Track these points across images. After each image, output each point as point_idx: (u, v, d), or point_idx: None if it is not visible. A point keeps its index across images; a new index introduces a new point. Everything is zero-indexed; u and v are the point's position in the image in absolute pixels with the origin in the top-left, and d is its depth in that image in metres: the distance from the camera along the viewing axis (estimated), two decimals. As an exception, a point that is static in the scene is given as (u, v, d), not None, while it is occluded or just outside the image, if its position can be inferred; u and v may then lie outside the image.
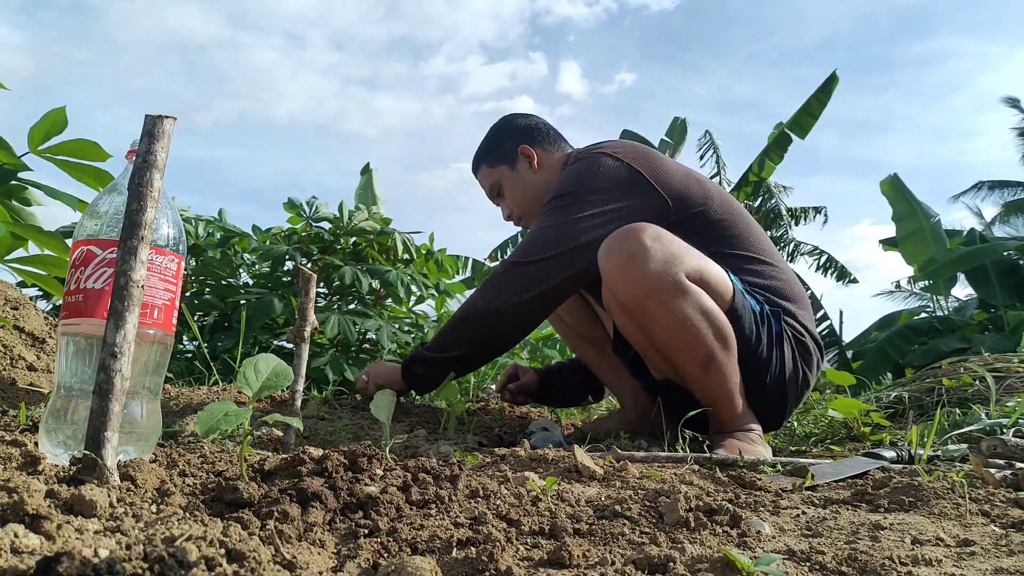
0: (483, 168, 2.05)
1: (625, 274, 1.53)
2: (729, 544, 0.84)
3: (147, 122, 0.84)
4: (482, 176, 2.06)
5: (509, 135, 2.02)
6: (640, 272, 1.51)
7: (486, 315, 1.70)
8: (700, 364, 1.55)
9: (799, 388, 1.71)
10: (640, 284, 1.51)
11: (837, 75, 9.51)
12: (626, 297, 1.54)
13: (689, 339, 1.53)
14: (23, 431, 1.14)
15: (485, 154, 2.05)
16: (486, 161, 2.04)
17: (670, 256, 1.53)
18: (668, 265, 1.51)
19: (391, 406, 1.32)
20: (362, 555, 0.70)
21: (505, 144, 2.01)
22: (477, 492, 0.93)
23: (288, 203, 3.71)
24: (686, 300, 1.52)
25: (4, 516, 0.59)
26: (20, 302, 1.95)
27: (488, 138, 2.06)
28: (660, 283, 1.51)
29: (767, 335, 1.63)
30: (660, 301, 1.51)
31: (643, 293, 1.52)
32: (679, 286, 1.51)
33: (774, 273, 1.76)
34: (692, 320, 1.52)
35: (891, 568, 0.74)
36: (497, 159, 2.01)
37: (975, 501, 1.05)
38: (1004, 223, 15.95)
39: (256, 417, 0.97)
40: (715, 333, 1.54)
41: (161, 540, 0.56)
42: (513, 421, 2.05)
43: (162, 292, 0.98)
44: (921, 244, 11.14)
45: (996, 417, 1.86)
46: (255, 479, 0.91)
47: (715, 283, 1.58)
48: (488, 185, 2.05)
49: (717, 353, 1.55)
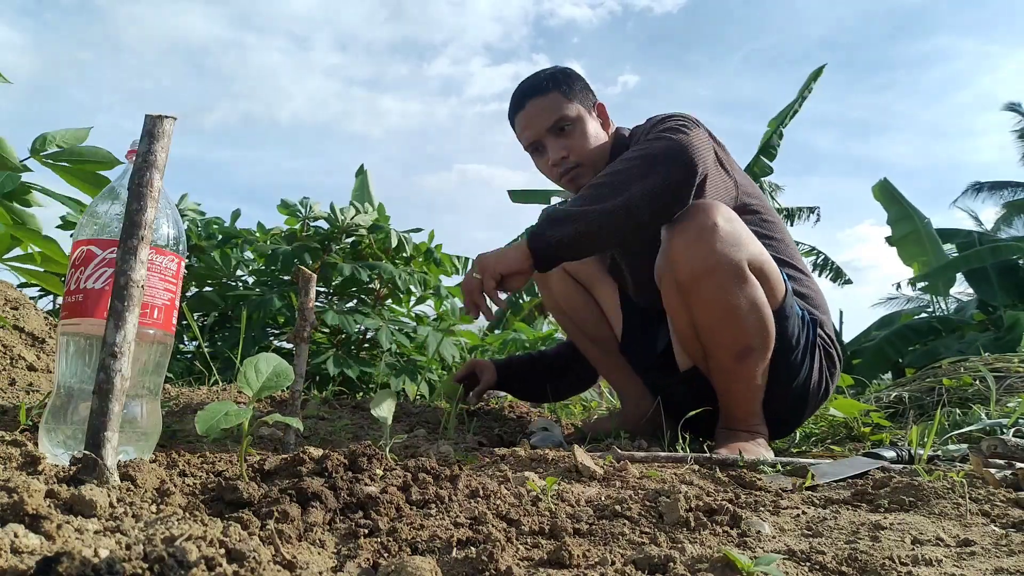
0: (554, 95, 1.75)
1: (689, 247, 1.47)
2: (729, 544, 0.84)
3: (147, 122, 0.84)
4: (547, 103, 1.75)
5: (585, 84, 1.81)
6: (706, 249, 1.46)
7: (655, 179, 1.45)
8: (736, 354, 1.53)
9: (819, 398, 1.70)
10: (703, 261, 1.46)
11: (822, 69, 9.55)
12: (684, 271, 1.49)
13: (734, 327, 1.50)
14: (23, 431, 1.14)
15: (557, 83, 1.77)
16: (560, 90, 1.76)
17: (738, 239, 1.48)
18: (734, 248, 1.46)
19: (391, 406, 1.32)
20: (362, 555, 0.70)
21: (584, 89, 1.80)
22: (477, 492, 0.93)
23: (282, 204, 3.71)
24: (742, 288, 1.48)
25: (4, 516, 0.59)
26: (20, 302, 1.95)
27: (559, 72, 1.80)
28: (722, 264, 1.46)
29: (804, 342, 1.61)
30: (717, 282, 1.47)
31: (703, 271, 1.47)
32: (739, 272, 1.47)
33: (806, 282, 1.75)
34: (742, 309, 1.48)
35: (891, 568, 0.74)
36: (575, 96, 1.77)
37: (975, 501, 1.05)
38: (1006, 224, 15.96)
39: (256, 417, 0.97)
40: (759, 328, 1.51)
41: (161, 540, 0.56)
42: (513, 421, 2.05)
43: (162, 292, 0.98)
44: (917, 245, 11.17)
45: (996, 417, 1.86)
46: (255, 479, 0.91)
47: (772, 279, 1.54)
48: (556, 116, 1.75)
49: (754, 348, 1.52)
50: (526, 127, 1.79)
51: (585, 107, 1.78)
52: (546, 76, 1.79)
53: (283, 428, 1.33)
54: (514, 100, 1.82)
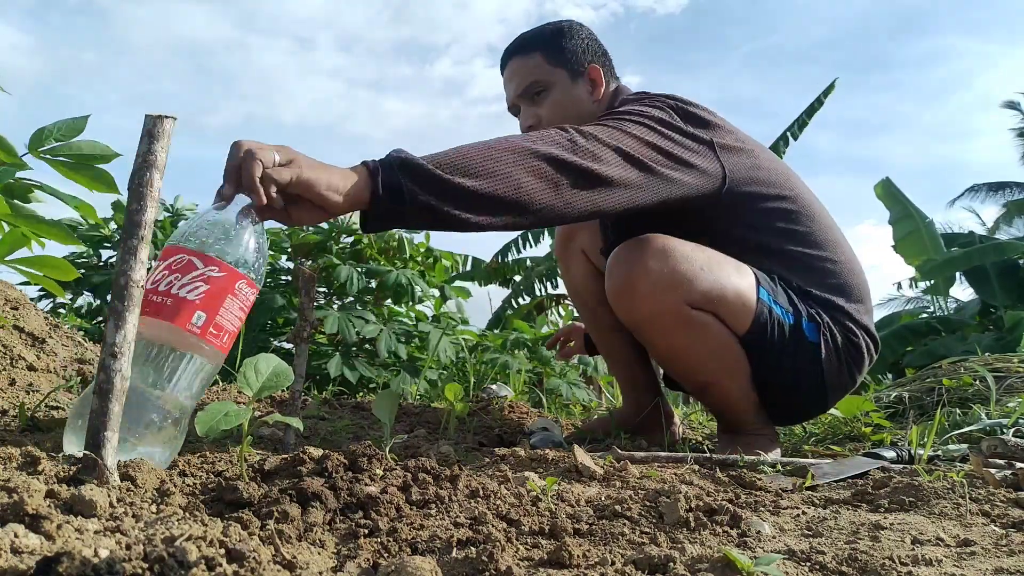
0: (535, 57, 1.66)
1: (623, 299, 1.42)
2: (729, 544, 0.84)
3: (147, 122, 0.84)
4: (526, 65, 1.67)
5: (581, 44, 1.68)
6: (640, 298, 1.39)
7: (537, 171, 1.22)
8: (698, 388, 1.52)
9: (836, 391, 1.60)
10: (639, 311, 1.41)
11: (835, 84, 9.50)
12: (627, 319, 1.46)
13: (688, 366, 1.47)
14: (23, 431, 1.14)
15: (543, 44, 1.66)
16: (543, 52, 1.66)
17: (673, 281, 1.37)
18: (671, 292, 1.37)
19: (393, 406, 1.33)
20: (362, 555, 0.70)
21: (574, 50, 1.67)
22: (477, 492, 0.93)
23: None
24: (687, 331, 1.41)
25: (4, 516, 0.59)
26: (20, 302, 1.95)
27: (552, 32, 1.69)
28: (656, 313, 1.39)
29: (795, 348, 1.51)
30: (659, 329, 1.42)
31: (642, 319, 1.42)
32: (679, 315, 1.39)
33: (833, 268, 1.59)
34: (692, 350, 1.43)
35: (891, 568, 0.74)
36: (558, 59, 1.66)
37: (975, 501, 1.05)
38: (1006, 223, 15.96)
39: (256, 417, 0.97)
40: (717, 362, 1.45)
41: (161, 540, 0.56)
42: (513, 421, 2.05)
43: (236, 320, 0.98)
44: (918, 245, 11.17)
45: (996, 417, 1.86)
46: (255, 479, 0.91)
47: (733, 301, 1.42)
48: (530, 79, 1.65)
49: (720, 380, 1.48)
50: (505, 88, 1.72)
51: (571, 70, 1.66)
52: (533, 35, 1.70)
53: (283, 428, 1.33)
54: (502, 57, 1.74)
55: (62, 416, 1.36)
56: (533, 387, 3.34)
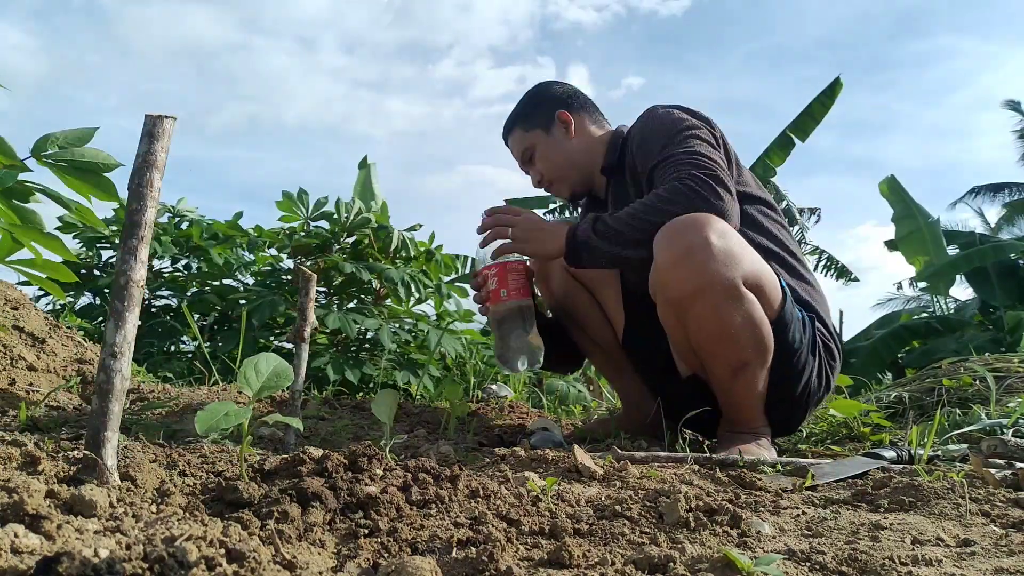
0: (516, 132, 1.99)
1: (679, 268, 1.44)
2: (729, 544, 0.84)
3: (147, 122, 0.84)
4: (514, 140, 2.00)
5: (546, 100, 1.97)
6: (697, 268, 1.43)
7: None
8: (733, 369, 1.52)
9: (820, 395, 1.69)
10: (693, 281, 1.44)
11: (841, 81, 9.46)
12: (675, 291, 1.48)
13: (729, 344, 1.49)
14: (23, 431, 1.14)
15: (519, 118, 1.99)
16: (520, 125, 1.98)
17: (731, 257, 1.44)
18: (727, 267, 1.43)
19: (392, 406, 1.33)
20: (362, 555, 0.70)
21: (542, 108, 1.96)
22: (477, 492, 0.93)
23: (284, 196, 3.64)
24: (736, 306, 1.45)
25: (4, 516, 0.59)
26: (20, 302, 1.95)
27: (523, 102, 2.00)
28: (715, 284, 1.43)
29: (806, 344, 1.59)
30: (710, 302, 1.44)
31: (694, 291, 1.44)
32: (733, 291, 1.44)
33: (805, 274, 1.74)
34: (737, 327, 1.46)
35: (891, 568, 0.74)
36: (532, 123, 1.95)
37: (975, 501, 1.05)
38: (1007, 223, 15.96)
39: (256, 417, 0.97)
40: (755, 343, 1.49)
41: (161, 540, 0.56)
42: (513, 421, 2.05)
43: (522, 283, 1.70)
44: (919, 244, 11.17)
45: (996, 417, 1.86)
46: (255, 479, 0.91)
47: (769, 290, 1.51)
48: (520, 150, 1.98)
49: (752, 363, 1.51)
50: (513, 159, 2.07)
51: (543, 126, 1.94)
52: (512, 114, 2.01)
53: (283, 428, 1.33)
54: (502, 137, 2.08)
55: (62, 416, 1.37)
56: (533, 387, 3.35)
